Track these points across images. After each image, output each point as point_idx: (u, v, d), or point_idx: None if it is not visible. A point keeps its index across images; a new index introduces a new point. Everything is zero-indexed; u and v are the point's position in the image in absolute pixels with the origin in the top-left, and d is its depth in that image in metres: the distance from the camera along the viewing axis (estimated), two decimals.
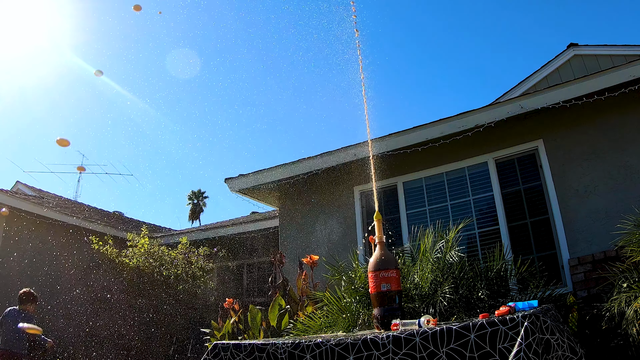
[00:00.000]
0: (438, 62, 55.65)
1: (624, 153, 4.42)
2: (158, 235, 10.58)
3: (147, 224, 12.02)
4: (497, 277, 2.91)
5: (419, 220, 5.28)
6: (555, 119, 4.80)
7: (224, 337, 4.32)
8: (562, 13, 50.39)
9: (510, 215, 4.92)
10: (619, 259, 3.50)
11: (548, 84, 7.64)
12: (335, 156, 5.75)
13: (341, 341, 1.62)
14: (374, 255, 2.02)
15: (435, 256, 2.90)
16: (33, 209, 8.60)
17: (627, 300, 2.97)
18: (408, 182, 5.64)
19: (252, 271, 10.58)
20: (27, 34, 13.57)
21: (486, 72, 55.30)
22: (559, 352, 1.46)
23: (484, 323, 1.43)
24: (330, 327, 2.83)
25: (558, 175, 4.68)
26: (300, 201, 6.41)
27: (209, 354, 1.92)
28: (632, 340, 2.83)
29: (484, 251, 4.42)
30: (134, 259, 8.25)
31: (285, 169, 6.17)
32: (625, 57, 7.22)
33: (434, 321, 1.65)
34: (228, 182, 6.70)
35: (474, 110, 4.96)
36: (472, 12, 45.75)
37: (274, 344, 1.76)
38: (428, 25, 46.90)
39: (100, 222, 10.18)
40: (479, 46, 51.36)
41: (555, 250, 4.59)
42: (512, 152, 5.06)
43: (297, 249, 6.06)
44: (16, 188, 11.01)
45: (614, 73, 4.36)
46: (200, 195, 39.17)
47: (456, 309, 2.56)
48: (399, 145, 5.29)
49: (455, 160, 5.33)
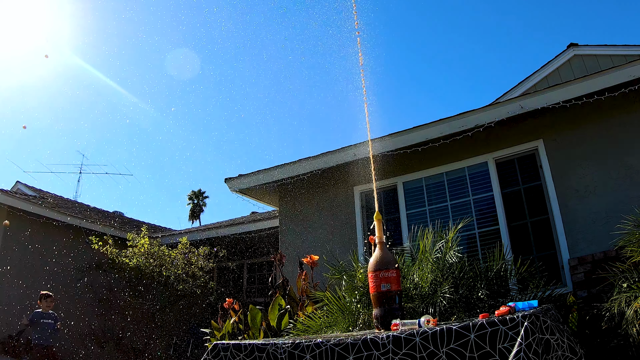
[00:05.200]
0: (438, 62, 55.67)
1: (624, 153, 4.41)
2: (158, 235, 10.58)
3: (147, 224, 12.02)
4: (497, 277, 2.91)
5: (419, 220, 5.28)
6: (555, 119, 4.80)
7: (224, 337, 4.32)
8: (562, 13, 50.41)
9: (510, 215, 4.92)
10: (619, 259, 3.50)
11: (548, 84, 7.64)
12: (335, 156, 5.76)
13: (341, 341, 1.62)
14: (374, 255, 2.02)
15: (435, 256, 2.89)
16: (33, 209, 8.59)
17: (627, 300, 2.97)
18: (408, 182, 5.64)
19: (252, 271, 10.58)
20: (27, 34, 13.57)
21: (486, 72, 55.32)
22: (559, 352, 1.46)
23: (484, 323, 1.43)
24: (330, 327, 2.83)
25: (558, 175, 4.68)
26: (300, 201, 6.41)
27: (209, 354, 1.92)
28: (632, 341, 2.83)
29: (484, 251, 4.42)
30: (134, 259, 8.25)
31: (285, 169, 6.17)
32: (625, 57, 7.22)
33: (434, 321, 1.65)
34: (228, 182, 6.70)
35: (474, 110, 4.96)
36: (471, 12, 45.76)
37: (274, 344, 1.76)
38: (428, 25, 46.91)
39: (100, 222, 10.17)
40: (479, 46, 51.38)
41: (555, 250, 4.59)
42: (512, 152, 5.06)
43: (297, 249, 6.06)
44: (16, 188, 11.02)
45: (614, 73, 4.36)
46: (200, 195, 39.14)
47: (456, 309, 2.56)
48: (399, 145, 5.29)
49: (455, 160, 5.33)
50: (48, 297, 6.30)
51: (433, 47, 51.32)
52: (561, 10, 48.87)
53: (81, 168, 13.87)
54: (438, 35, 48.80)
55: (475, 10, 43.94)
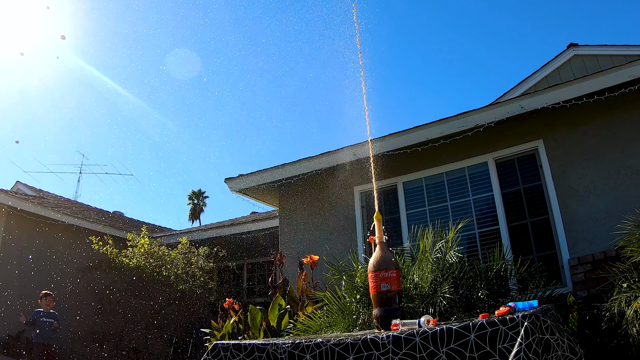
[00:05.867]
0: (438, 62, 55.66)
1: (624, 153, 4.41)
2: (158, 235, 10.58)
3: (147, 224, 12.02)
4: (497, 277, 2.91)
5: (419, 220, 5.28)
6: (555, 119, 4.80)
7: (224, 337, 4.31)
8: (562, 13, 50.40)
9: (510, 215, 4.92)
10: (619, 259, 3.50)
11: (548, 84, 7.63)
12: (335, 156, 5.75)
13: (341, 341, 1.62)
14: (374, 255, 2.02)
15: (435, 256, 2.89)
16: (33, 209, 8.60)
17: (627, 301, 2.97)
18: (408, 182, 5.64)
19: (252, 271, 10.58)
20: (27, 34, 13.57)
21: (486, 72, 55.31)
22: (559, 352, 1.46)
23: (484, 323, 1.43)
24: (330, 327, 2.83)
25: (558, 175, 4.68)
26: (300, 201, 6.41)
27: (209, 354, 1.92)
28: (632, 341, 2.83)
29: (484, 251, 4.43)
30: (134, 259, 8.26)
31: (285, 169, 6.17)
32: (625, 57, 7.22)
33: (434, 321, 1.65)
34: (228, 182, 6.70)
35: (474, 110, 4.96)
36: (471, 12, 45.76)
37: (274, 344, 1.76)
38: (428, 25, 46.92)
39: (100, 222, 10.17)
40: (479, 46, 51.37)
41: (555, 250, 4.59)
42: (512, 152, 5.06)
43: (297, 249, 6.06)
44: (16, 188, 11.02)
45: (614, 73, 4.36)
46: (200, 195, 39.13)
47: (456, 309, 2.56)
48: (399, 145, 5.29)
49: (455, 160, 5.33)
50: (48, 296, 6.43)
51: (433, 47, 51.33)
52: (561, 10, 48.91)
53: (81, 168, 13.90)
54: (438, 35, 48.81)
55: (476, 10, 43.95)
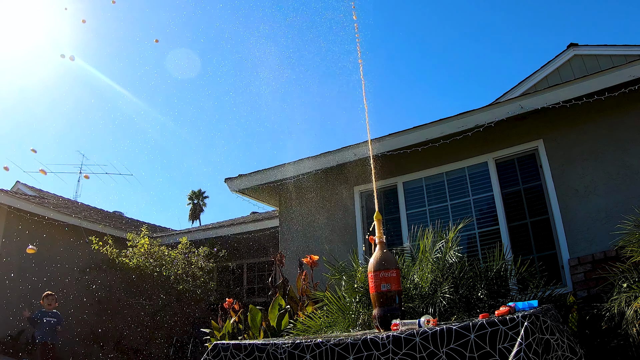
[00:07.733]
0: (438, 62, 55.68)
1: (624, 153, 4.41)
2: (158, 236, 10.58)
3: (147, 224, 12.02)
4: (497, 277, 2.90)
5: (419, 220, 5.28)
6: (555, 119, 4.80)
7: (224, 337, 4.31)
8: (562, 13, 50.41)
9: (510, 215, 4.92)
10: (619, 259, 3.50)
11: (548, 84, 7.64)
12: (335, 156, 5.75)
13: (341, 341, 1.62)
14: (374, 255, 2.02)
15: (435, 256, 2.89)
16: (33, 209, 8.60)
17: (627, 301, 2.97)
18: (408, 182, 5.64)
19: (252, 271, 10.59)
20: (27, 34, 13.56)
21: (486, 72, 55.31)
22: (559, 352, 1.46)
23: (484, 323, 1.43)
24: (330, 327, 2.83)
25: (558, 175, 4.68)
26: (300, 201, 6.41)
27: (209, 354, 1.91)
28: (632, 341, 2.83)
29: (484, 251, 4.42)
30: (134, 259, 8.25)
31: (285, 169, 6.17)
32: (625, 57, 7.23)
33: (434, 321, 1.65)
34: (228, 182, 6.70)
35: (474, 110, 4.96)
36: (471, 12, 45.76)
37: (274, 344, 1.76)
38: (428, 25, 46.93)
39: (100, 222, 10.17)
40: (479, 46, 51.38)
41: (555, 250, 4.59)
42: (512, 152, 5.06)
43: (297, 249, 6.05)
44: (16, 188, 11.02)
45: (614, 73, 4.36)
46: (200, 195, 39.13)
47: (456, 309, 2.56)
48: (399, 145, 5.29)
49: (455, 160, 5.33)
50: (49, 296, 6.56)
51: (433, 47, 51.33)
52: (561, 10, 48.91)
53: (81, 168, 13.84)
54: (438, 35, 48.81)
55: (476, 10, 43.95)
